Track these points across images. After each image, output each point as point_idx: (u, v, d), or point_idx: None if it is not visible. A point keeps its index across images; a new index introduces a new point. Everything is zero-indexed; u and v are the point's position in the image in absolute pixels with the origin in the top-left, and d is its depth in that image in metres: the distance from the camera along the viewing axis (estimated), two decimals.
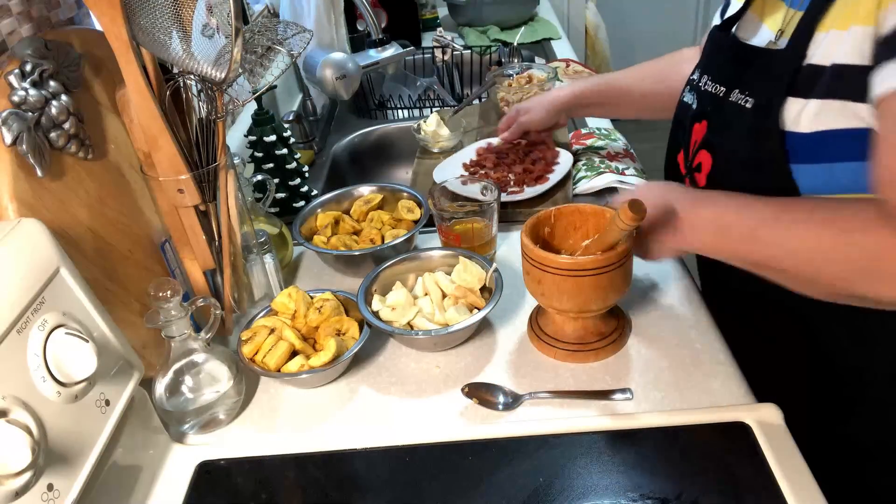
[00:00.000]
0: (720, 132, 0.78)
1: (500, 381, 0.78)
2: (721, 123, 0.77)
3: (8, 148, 0.61)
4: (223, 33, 0.69)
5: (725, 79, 0.78)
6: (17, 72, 0.63)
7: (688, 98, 0.86)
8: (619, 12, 2.98)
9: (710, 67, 0.83)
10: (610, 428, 0.70)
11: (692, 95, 0.85)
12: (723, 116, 0.77)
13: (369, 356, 0.84)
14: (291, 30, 0.78)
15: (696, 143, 0.82)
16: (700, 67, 0.86)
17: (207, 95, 0.74)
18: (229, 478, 0.71)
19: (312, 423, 0.76)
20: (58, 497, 0.54)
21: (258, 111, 1.10)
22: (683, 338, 0.81)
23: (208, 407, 0.75)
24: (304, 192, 1.16)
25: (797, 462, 0.64)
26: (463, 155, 1.24)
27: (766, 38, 0.76)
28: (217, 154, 0.76)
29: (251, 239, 0.89)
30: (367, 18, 1.40)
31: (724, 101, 0.77)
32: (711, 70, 0.82)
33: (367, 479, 0.70)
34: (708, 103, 0.80)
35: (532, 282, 0.77)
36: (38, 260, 0.58)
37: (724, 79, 0.78)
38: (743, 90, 0.74)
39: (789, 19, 0.72)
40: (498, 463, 0.68)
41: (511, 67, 1.43)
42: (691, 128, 0.83)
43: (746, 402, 0.72)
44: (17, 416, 0.51)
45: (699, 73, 0.85)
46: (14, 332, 0.53)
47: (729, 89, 0.76)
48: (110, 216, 0.74)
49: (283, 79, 0.83)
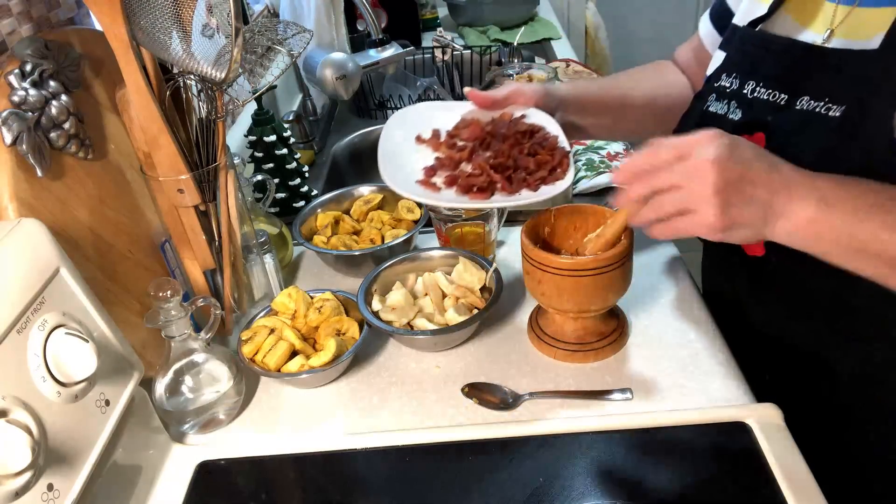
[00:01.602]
0: (792, 145, 0.67)
1: (500, 381, 0.78)
2: (791, 135, 0.68)
3: (8, 148, 0.61)
4: (223, 33, 0.69)
5: (785, 84, 0.70)
6: (17, 72, 0.63)
7: (718, 108, 0.77)
8: (619, 12, 2.98)
9: (756, 72, 0.74)
10: (610, 428, 0.70)
11: (725, 104, 0.76)
12: (792, 127, 0.68)
13: (369, 356, 0.84)
14: (291, 30, 0.78)
15: None
16: (736, 72, 0.77)
17: (207, 95, 0.74)
18: (229, 478, 0.71)
19: (312, 423, 0.76)
20: (58, 497, 0.54)
21: (258, 111, 1.10)
22: (683, 338, 0.81)
23: (208, 407, 0.74)
24: (304, 192, 1.16)
25: (797, 462, 0.64)
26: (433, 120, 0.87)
27: (811, 38, 0.71)
28: (217, 154, 0.76)
29: (251, 239, 0.89)
30: (367, 18, 1.40)
31: (790, 110, 0.69)
32: (758, 74, 0.74)
33: (367, 479, 0.70)
34: (765, 112, 0.72)
35: (532, 282, 0.77)
36: (38, 260, 0.58)
37: (784, 84, 0.70)
38: (818, 97, 0.67)
39: (842, 17, 0.67)
40: (498, 463, 0.68)
41: (511, 67, 1.43)
42: None
43: (746, 402, 0.72)
44: (17, 416, 0.51)
45: (736, 79, 0.76)
46: (14, 332, 0.53)
47: (793, 96, 0.69)
48: (110, 216, 0.74)
49: (283, 79, 0.83)
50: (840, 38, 0.68)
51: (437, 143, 0.82)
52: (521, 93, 0.84)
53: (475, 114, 0.85)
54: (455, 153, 0.78)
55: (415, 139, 0.83)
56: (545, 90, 0.86)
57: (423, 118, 0.86)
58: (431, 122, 0.85)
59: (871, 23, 0.66)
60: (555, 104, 0.86)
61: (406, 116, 0.86)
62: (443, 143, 0.82)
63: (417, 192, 0.74)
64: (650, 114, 0.94)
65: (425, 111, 0.88)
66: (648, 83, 0.96)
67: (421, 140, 0.83)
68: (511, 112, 0.84)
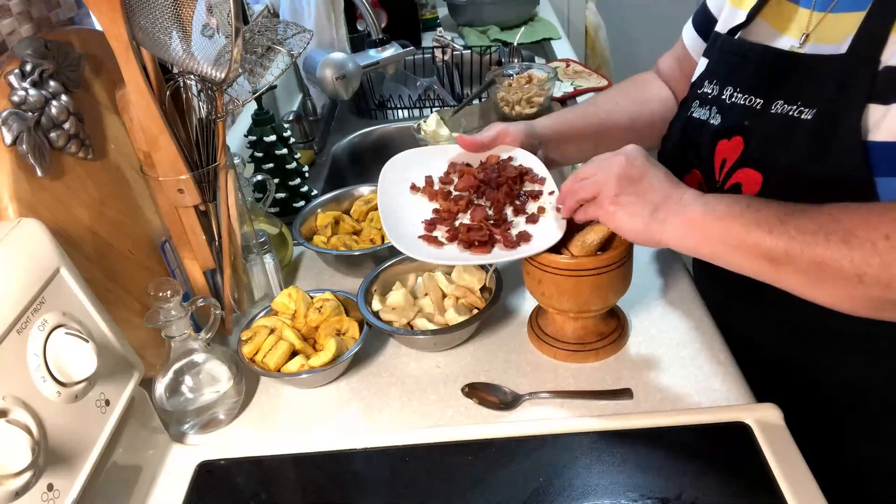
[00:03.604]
0: (768, 148, 0.70)
1: (500, 381, 0.78)
2: (767, 138, 0.70)
3: (8, 148, 0.61)
4: (223, 33, 0.69)
5: (760, 90, 0.73)
6: (17, 72, 0.63)
7: (700, 114, 0.80)
8: (619, 12, 2.98)
9: (733, 78, 0.76)
10: (610, 428, 0.70)
11: (707, 110, 0.79)
12: (768, 130, 0.70)
13: (369, 356, 0.84)
14: (291, 30, 0.78)
15: (726, 161, 0.75)
16: (716, 79, 0.79)
17: (207, 95, 0.74)
18: (229, 478, 0.71)
19: (312, 423, 0.76)
20: (58, 497, 0.54)
21: (258, 111, 1.10)
22: (683, 338, 0.81)
23: (208, 407, 0.74)
24: (304, 192, 1.16)
25: (797, 462, 0.64)
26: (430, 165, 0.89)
27: (787, 43, 0.72)
28: (217, 154, 0.76)
29: (251, 239, 0.89)
30: (367, 18, 1.40)
31: (766, 114, 0.71)
32: (735, 81, 0.76)
33: (367, 479, 0.70)
34: (742, 117, 0.74)
35: (532, 282, 0.77)
36: (38, 260, 0.58)
37: (759, 90, 0.73)
38: (791, 100, 0.69)
39: (816, 22, 0.69)
40: (498, 463, 0.68)
41: (511, 67, 1.43)
42: (714, 146, 0.76)
43: (746, 402, 0.72)
44: (17, 416, 0.51)
45: (716, 85, 0.78)
46: (14, 332, 0.53)
47: (768, 100, 0.71)
48: (110, 216, 0.74)
49: (283, 79, 0.83)
50: (812, 43, 0.69)
51: (433, 192, 0.84)
52: (506, 133, 0.87)
53: (463, 157, 0.89)
54: (452, 206, 0.81)
55: (409, 189, 0.85)
56: (527, 129, 0.89)
57: (413, 166, 0.88)
58: (421, 169, 0.88)
59: (841, 28, 0.67)
60: (537, 142, 0.90)
61: (395, 167, 0.88)
62: (437, 192, 0.84)
63: (422, 252, 0.76)
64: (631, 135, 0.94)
65: (413, 158, 0.90)
66: (629, 102, 0.97)
67: (416, 189, 0.85)
68: (497, 155, 0.87)
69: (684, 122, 0.83)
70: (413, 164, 0.89)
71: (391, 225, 0.78)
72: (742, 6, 0.79)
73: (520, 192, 0.82)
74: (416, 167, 0.88)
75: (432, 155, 0.91)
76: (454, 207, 0.81)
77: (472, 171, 0.86)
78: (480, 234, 0.75)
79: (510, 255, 0.74)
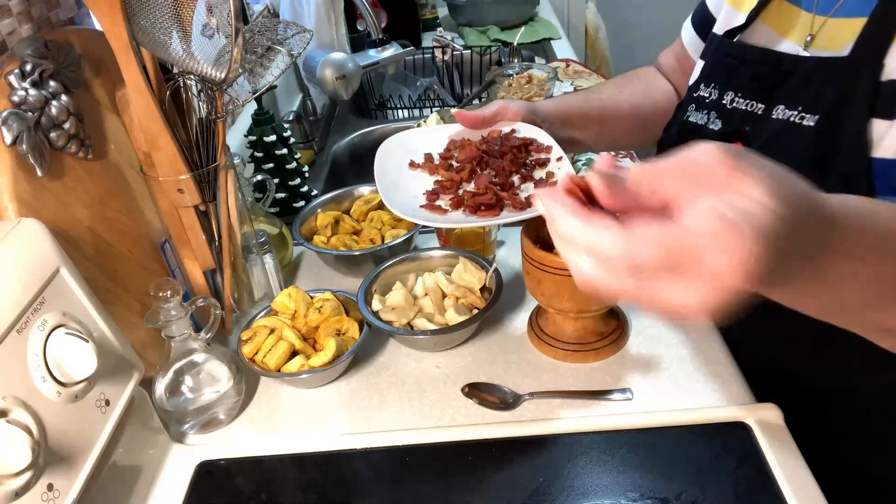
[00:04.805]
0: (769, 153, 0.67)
1: (500, 381, 0.78)
2: (769, 144, 0.69)
3: (8, 148, 0.61)
4: (223, 33, 0.69)
5: (762, 94, 0.71)
6: (17, 72, 0.63)
7: (698, 118, 0.78)
8: (619, 12, 2.98)
9: (733, 82, 0.75)
10: (610, 428, 0.70)
11: (705, 115, 0.77)
12: (769, 136, 0.69)
13: (369, 356, 0.84)
14: (291, 30, 0.78)
15: None
16: (714, 82, 0.77)
17: (207, 95, 0.74)
18: (229, 478, 0.71)
19: (312, 423, 0.76)
20: (58, 497, 0.54)
21: (258, 111, 1.10)
22: (683, 338, 0.81)
23: (208, 407, 0.74)
24: (304, 192, 1.16)
25: (797, 462, 0.64)
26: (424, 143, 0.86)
27: (788, 48, 0.71)
28: (217, 154, 0.76)
29: (251, 239, 0.89)
30: (367, 18, 1.40)
31: (767, 119, 0.69)
32: (735, 85, 0.74)
33: (367, 479, 0.70)
34: (743, 122, 0.72)
35: (532, 282, 0.77)
36: (38, 260, 0.58)
37: (760, 94, 0.71)
38: (792, 106, 0.67)
39: (818, 27, 0.68)
40: (498, 463, 0.68)
41: (511, 67, 1.43)
42: None
43: (746, 402, 0.72)
44: (17, 416, 0.51)
45: (715, 89, 0.77)
46: (14, 332, 0.53)
47: (770, 105, 0.70)
48: (110, 216, 0.74)
49: (283, 79, 0.83)
50: (815, 48, 0.68)
51: (433, 167, 0.81)
52: (506, 109, 0.84)
53: (463, 134, 0.85)
54: (455, 175, 0.78)
55: (408, 166, 0.83)
56: (529, 106, 0.86)
57: (410, 145, 0.85)
58: (419, 148, 0.84)
59: (843, 33, 0.66)
60: (539, 120, 0.86)
61: (391, 147, 0.84)
62: (438, 165, 0.81)
63: (425, 217, 0.73)
64: (634, 123, 0.93)
65: (409, 138, 0.87)
66: (632, 92, 0.96)
67: (415, 165, 0.83)
68: (499, 129, 0.84)
69: (680, 125, 0.82)
70: (411, 143, 0.85)
71: (391, 197, 0.75)
72: (741, 8, 0.78)
73: (525, 160, 0.78)
74: (414, 146, 0.85)
75: (427, 133, 0.87)
76: (456, 177, 0.77)
77: (472, 142, 0.82)
78: (487, 198, 0.72)
79: (521, 215, 0.70)
